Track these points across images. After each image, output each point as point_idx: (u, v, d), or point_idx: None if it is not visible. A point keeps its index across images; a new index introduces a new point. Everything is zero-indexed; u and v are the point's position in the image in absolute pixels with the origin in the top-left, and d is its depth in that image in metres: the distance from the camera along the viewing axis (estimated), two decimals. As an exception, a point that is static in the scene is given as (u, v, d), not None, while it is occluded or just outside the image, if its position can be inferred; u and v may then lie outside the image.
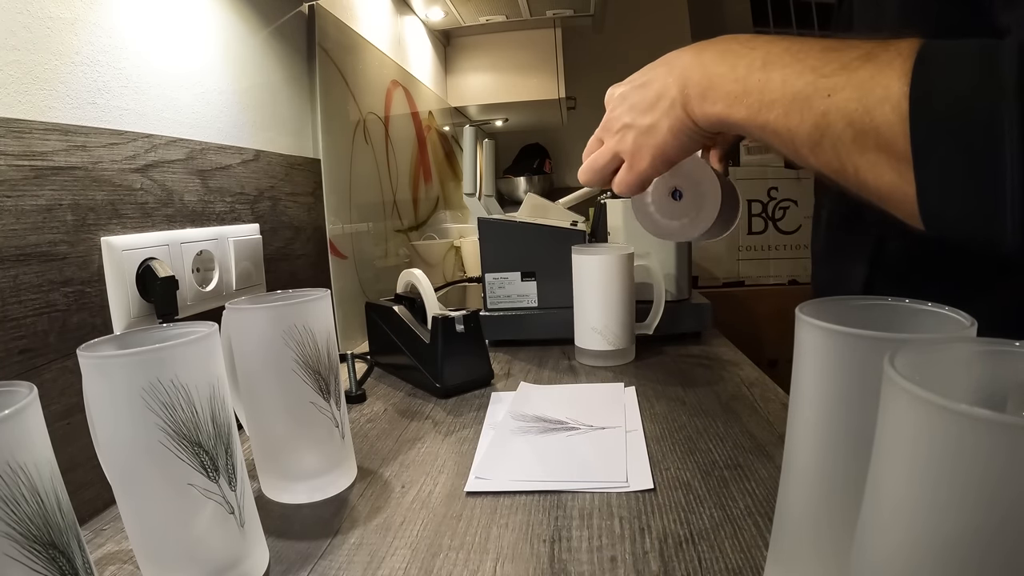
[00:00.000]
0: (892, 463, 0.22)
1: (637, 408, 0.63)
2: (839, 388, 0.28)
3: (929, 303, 0.30)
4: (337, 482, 0.50)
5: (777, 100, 0.36)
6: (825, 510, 0.31)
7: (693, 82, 0.41)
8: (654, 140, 0.45)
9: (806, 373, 0.30)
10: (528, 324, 0.89)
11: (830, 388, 0.29)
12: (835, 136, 0.34)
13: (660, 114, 0.43)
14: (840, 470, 0.29)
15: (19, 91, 0.43)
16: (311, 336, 0.46)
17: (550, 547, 0.40)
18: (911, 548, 0.21)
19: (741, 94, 0.38)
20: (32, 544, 0.25)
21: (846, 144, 0.33)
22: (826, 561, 0.31)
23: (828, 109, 0.34)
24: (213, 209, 0.64)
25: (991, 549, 0.19)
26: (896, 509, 0.22)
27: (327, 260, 0.91)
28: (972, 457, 0.19)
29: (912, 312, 0.30)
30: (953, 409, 0.19)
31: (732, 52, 0.40)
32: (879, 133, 0.31)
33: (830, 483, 0.30)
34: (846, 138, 0.33)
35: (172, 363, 0.33)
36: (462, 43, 1.77)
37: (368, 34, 1.13)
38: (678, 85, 0.42)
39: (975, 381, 0.24)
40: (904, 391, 0.20)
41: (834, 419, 0.29)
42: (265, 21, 0.77)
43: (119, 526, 0.45)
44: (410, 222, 1.33)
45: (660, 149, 0.45)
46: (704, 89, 0.40)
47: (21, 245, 0.42)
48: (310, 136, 0.89)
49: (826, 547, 0.31)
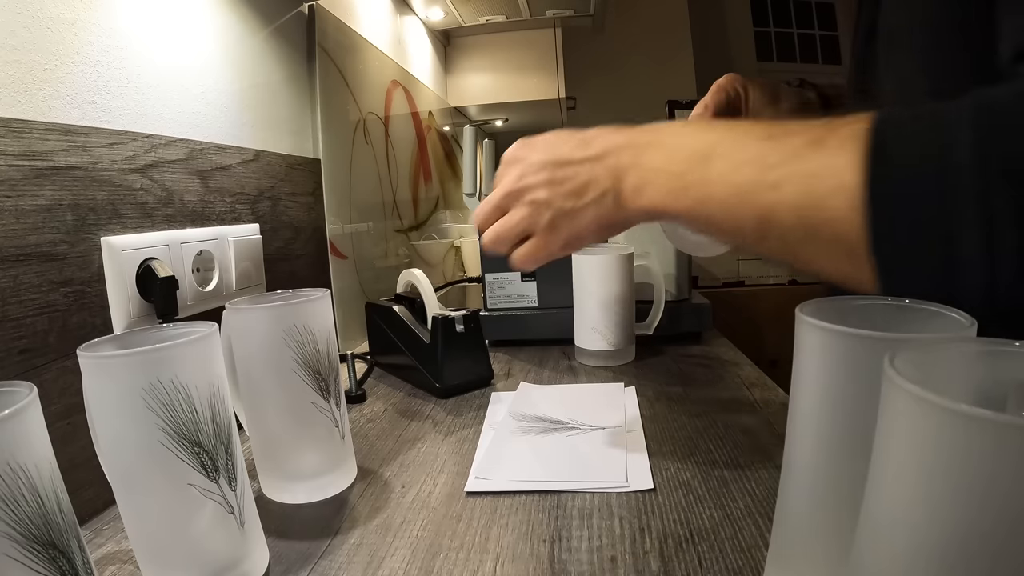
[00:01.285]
0: (892, 463, 0.22)
1: (637, 408, 0.63)
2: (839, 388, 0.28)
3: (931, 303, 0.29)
4: (337, 482, 0.50)
5: (719, 194, 0.35)
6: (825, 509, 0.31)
7: (628, 175, 0.39)
8: (575, 226, 0.42)
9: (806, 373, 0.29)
10: (528, 324, 0.89)
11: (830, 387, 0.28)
12: (784, 229, 0.33)
13: (588, 202, 0.41)
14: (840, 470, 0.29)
15: (19, 91, 0.43)
16: (311, 336, 0.46)
17: (550, 547, 0.40)
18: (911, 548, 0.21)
19: (680, 189, 0.37)
20: (32, 544, 0.25)
21: (797, 236, 0.33)
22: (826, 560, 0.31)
23: (774, 203, 0.32)
24: (213, 209, 0.64)
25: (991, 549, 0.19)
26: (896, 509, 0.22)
27: (327, 260, 0.91)
28: (972, 457, 0.19)
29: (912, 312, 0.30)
30: (953, 409, 0.19)
31: (670, 142, 0.38)
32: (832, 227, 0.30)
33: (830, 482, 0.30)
34: (797, 231, 0.32)
35: (172, 363, 0.33)
36: (462, 43, 1.78)
37: (368, 34, 1.13)
38: (611, 177, 0.40)
39: (975, 381, 0.24)
40: (904, 391, 0.20)
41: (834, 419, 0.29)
42: (265, 21, 0.77)
43: (119, 526, 0.45)
44: (410, 222, 1.33)
45: (578, 235, 0.43)
46: (641, 183, 0.39)
47: (21, 245, 0.42)
48: (310, 136, 0.89)
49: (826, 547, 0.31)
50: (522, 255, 0.46)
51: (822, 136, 0.31)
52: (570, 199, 0.42)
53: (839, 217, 0.30)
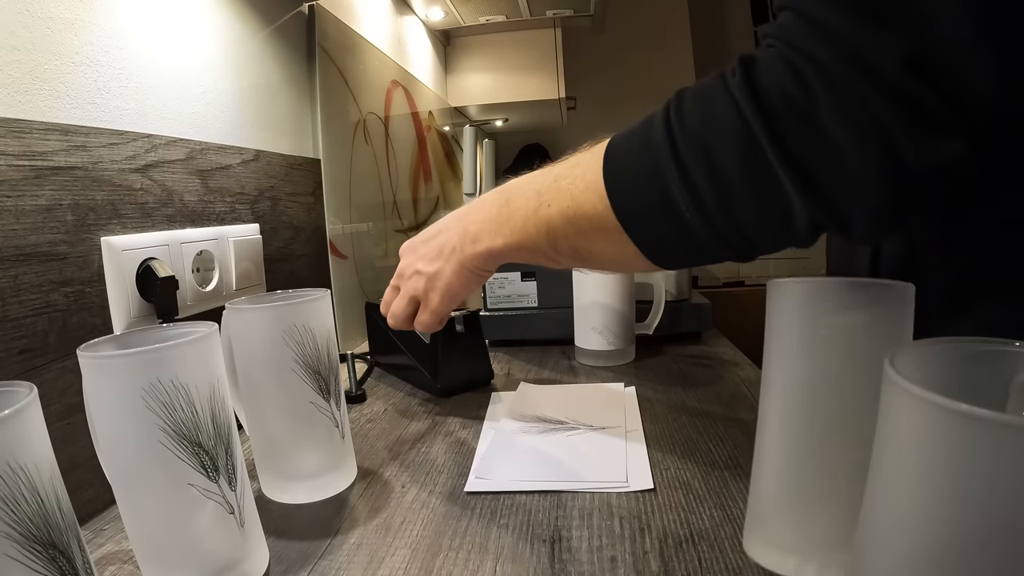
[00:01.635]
0: (892, 462, 0.22)
1: (637, 408, 0.63)
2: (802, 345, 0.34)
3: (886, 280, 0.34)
4: (337, 482, 0.50)
5: (518, 223, 0.45)
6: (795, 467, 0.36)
7: (467, 231, 0.50)
8: (441, 282, 0.52)
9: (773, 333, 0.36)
10: (528, 324, 0.89)
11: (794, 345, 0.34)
12: (563, 233, 0.42)
13: (443, 261, 0.52)
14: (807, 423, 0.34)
15: (19, 91, 0.43)
16: (311, 336, 0.46)
17: (550, 547, 0.40)
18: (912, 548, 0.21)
19: (496, 229, 0.47)
20: (32, 544, 0.25)
21: (572, 236, 0.41)
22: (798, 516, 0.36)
23: (550, 216, 0.42)
24: (213, 209, 0.64)
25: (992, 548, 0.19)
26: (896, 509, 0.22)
27: (327, 260, 0.91)
28: (972, 457, 0.19)
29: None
30: (953, 409, 0.19)
31: (489, 201, 0.49)
32: (590, 218, 0.39)
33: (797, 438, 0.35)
34: (570, 232, 0.41)
35: (172, 363, 0.33)
36: (462, 43, 1.78)
37: (368, 34, 1.13)
38: (457, 236, 0.50)
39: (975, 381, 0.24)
40: (904, 391, 0.20)
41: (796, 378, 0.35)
42: (265, 21, 0.77)
43: (119, 526, 0.45)
44: (410, 222, 1.33)
45: (446, 289, 0.52)
46: (475, 234, 0.49)
47: (21, 245, 0.42)
48: (310, 136, 0.89)
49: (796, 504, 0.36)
50: (419, 322, 0.56)
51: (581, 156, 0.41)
52: (432, 263, 0.53)
53: (593, 208, 0.39)
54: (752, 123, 0.31)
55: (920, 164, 0.28)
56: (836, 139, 0.29)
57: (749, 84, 0.31)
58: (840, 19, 0.29)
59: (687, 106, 0.34)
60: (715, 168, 0.32)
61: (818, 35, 0.29)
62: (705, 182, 0.33)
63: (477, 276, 0.51)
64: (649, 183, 0.35)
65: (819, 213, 0.31)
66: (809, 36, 0.30)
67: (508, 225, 0.46)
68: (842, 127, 0.29)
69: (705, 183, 0.33)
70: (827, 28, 0.29)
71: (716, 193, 0.33)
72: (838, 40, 0.29)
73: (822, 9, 0.30)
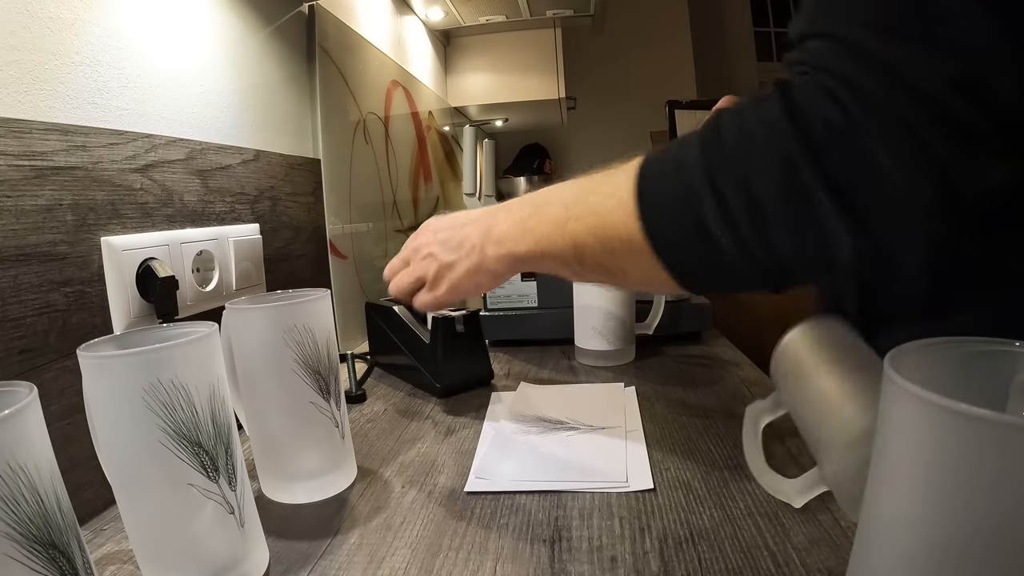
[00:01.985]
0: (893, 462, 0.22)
1: (637, 408, 0.63)
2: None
3: None
4: (337, 482, 0.50)
5: (544, 232, 0.45)
6: None
7: (494, 231, 0.50)
8: (453, 275, 0.53)
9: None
10: (528, 324, 0.89)
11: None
12: (589, 249, 0.41)
13: (462, 255, 0.52)
14: None
15: (19, 91, 0.43)
16: (311, 336, 0.46)
17: (550, 547, 0.40)
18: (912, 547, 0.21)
19: (521, 235, 0.47)
20: (32, 544, 0.25)
21: (598, 253, 0.41)
22: None
23: (577, 231, 0.42)
24: (213, 209, 0.64)
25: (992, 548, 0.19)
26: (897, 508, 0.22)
27: (327, 260, 0.91)
28: (972, 457, 0.19)
29: None
30: (953, 409, 0.19)
31: (517, 206, 0.49)
32: (620, 236, 0.38)
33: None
34: (597, 249, 0.41)
35: (172, 363, 0.33)
36: (462, 43, 1.77)
37: (368, 34, 1.13)
38: (481, 234, 0.50)
39: (975, 381, 0.24)
40: (904, 391, 0.20)
41: None
42: (265, 21, 0.77)
43: (119, 526, 0.45)
44: (410, 222, 1.33)
45: (456, 283, 0.53)
46: (500, 235, 0.49)
47: (21, 245, 0.42)
48: (310, 136, 0.89)
49: None
50: (418, 301, 0.57)
51: (611, 173, 0.40)
52: (450, 253, 0.53)
53: (624, 227, 0.38)
54: (793, 148, 0.30)
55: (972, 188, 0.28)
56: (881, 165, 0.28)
57: (788, 109, 0.30)
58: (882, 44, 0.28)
59: (724, 129, 0.33)
60: (752, 194, 0.31)
61: (859, 61, 0.29)
62: (741, 209, 0.32)
63: (492, 278, 0.51)
64: (683, 207, 0.34)
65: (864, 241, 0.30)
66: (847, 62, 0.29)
67: (534, 233, 0.45)
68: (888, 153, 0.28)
69: (741, 210, 0.32)
70: (868, 54, 0.29)
71: (753, 220, 0.32)
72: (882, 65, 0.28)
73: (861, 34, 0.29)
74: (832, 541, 0.38)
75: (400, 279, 0.57)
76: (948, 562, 0.20)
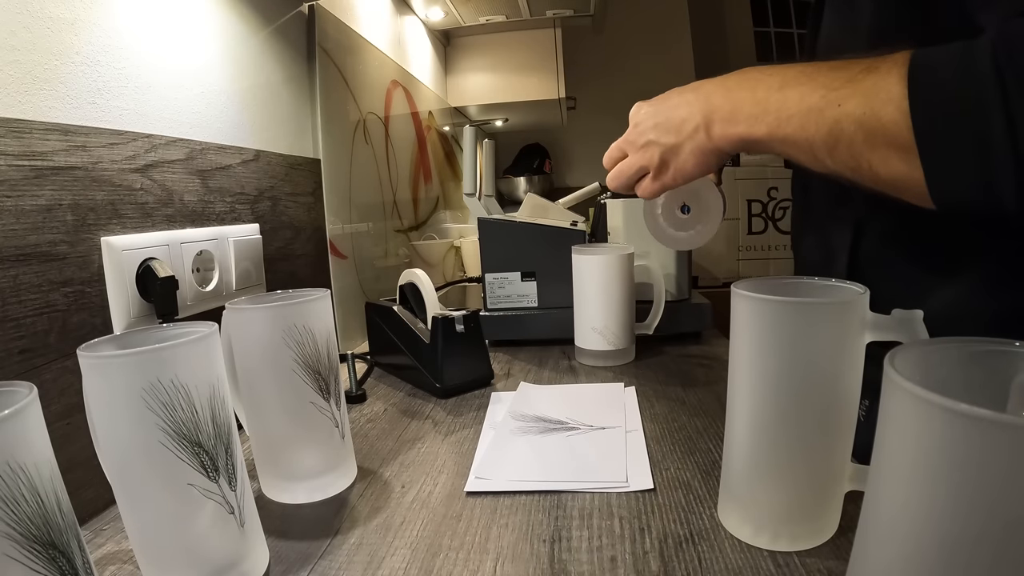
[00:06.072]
0: (893, 462, 0.22)
1: (637, 408, 0.63)
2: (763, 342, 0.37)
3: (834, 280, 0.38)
4: (337, 482, 0.50)
5: (794, 115, 0.42)
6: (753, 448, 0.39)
7: (717, 108, 0.47)
8: (677, 159, 0.51)
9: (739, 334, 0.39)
10: (528, 324, 0.89)
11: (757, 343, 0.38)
12: (849, 138, 0.39)
13: (684, 137, 0.49)
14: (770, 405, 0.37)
15: (19, 91, 0.43)
16: (311, 336, 0.46)
17: (550, 547, 0.40)
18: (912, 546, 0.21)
19: (761, 114, 0.44)
20: (32, 544, 0.25)
21: (859, 144, 0.38)
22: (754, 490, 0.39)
23: (840, 116, 0.39)
24: (213, 209, 0.64)
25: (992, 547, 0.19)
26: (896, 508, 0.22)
27: (327, 260, 0.91)
28: (972, 457, 0.19)
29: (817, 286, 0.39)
30: (953, 409, 0.19)
31: (752, 79, 0.45)
32: (886, 131, 0.36)
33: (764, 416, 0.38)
34: (858, 139, 0.38)
35: (172, 363, 0.33)
36: (462, 43, 1.77)
37: (368, 34, 1.13)
38: (703, 112, 0.48)
39: (975, 381, 0.24)
40: (904, 391, 0.20)
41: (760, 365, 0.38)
42: (265, 21, 0.77)
43: (119, 526, 0.45)
44: (410, 222, 1.33)
45: (681, 167, 0.51)
46: (728, 113, 0.46)
47: (21, 245, 0.42)
48: (310, 136, 0.89)
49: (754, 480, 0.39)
50: (643, 189, 0.56)
51: (875, 64, 0.38)
52: (671, 135, 0.50)
53: (892, 121, 0.36)
54: None
55: None
56: None
57: None
58: None
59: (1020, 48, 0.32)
60: None
61: None
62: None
63: (718, 158, 0.49)
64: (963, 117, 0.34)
65: None
66: None
67: (777, 114, 0.43)
68: None
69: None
70: None
71: None
72: None
73: None
74: (832, 541, 0.38)
75: (620, 170, 0.56)
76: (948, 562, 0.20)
